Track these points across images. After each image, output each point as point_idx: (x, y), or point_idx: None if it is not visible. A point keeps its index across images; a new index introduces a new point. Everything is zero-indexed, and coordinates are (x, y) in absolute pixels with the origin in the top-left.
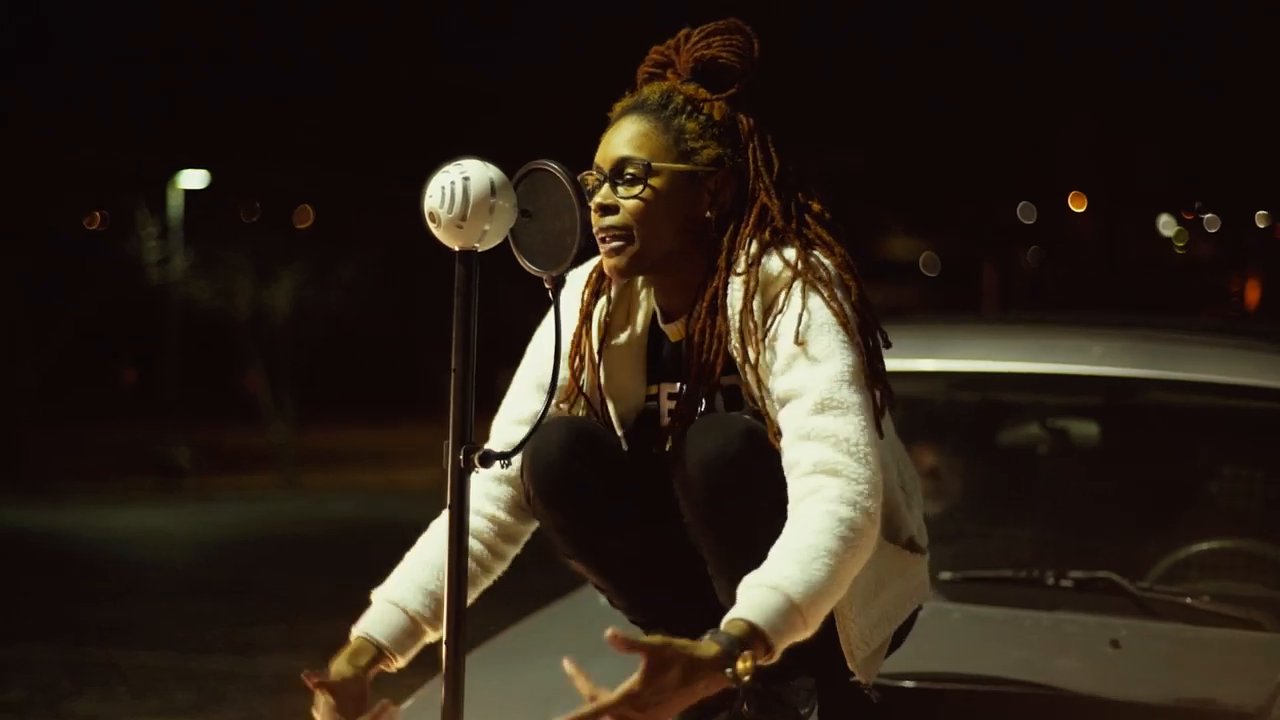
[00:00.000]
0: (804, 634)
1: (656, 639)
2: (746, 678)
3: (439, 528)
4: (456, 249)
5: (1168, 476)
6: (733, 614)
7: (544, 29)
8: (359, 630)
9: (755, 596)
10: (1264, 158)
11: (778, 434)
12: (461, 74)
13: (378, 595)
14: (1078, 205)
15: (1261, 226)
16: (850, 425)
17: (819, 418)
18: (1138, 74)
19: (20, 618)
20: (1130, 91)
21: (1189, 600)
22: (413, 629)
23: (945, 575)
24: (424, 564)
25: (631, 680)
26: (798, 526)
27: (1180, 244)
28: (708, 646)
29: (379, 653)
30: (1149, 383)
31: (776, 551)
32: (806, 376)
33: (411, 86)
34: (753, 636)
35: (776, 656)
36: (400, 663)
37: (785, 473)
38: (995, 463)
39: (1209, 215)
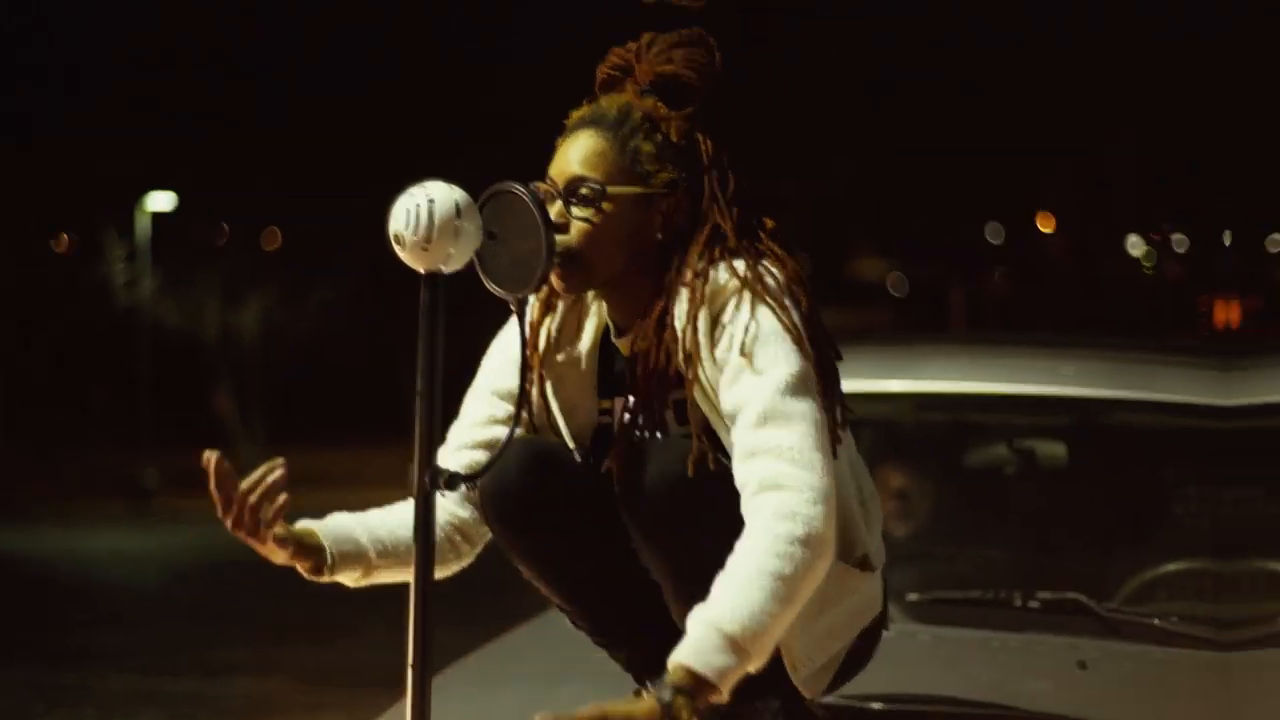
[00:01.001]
0: (754, 664)
1: (591, 709)
2: None
3: (401, 506)
4: (422, 271)
5: (1135, 497)
6: (673, 657)
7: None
8: (304, 524)
9: (695, 635)
10: (1232, 178)
11: (729, 451)
12: (433, 92)
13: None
14: (1046, 226)
15: (1228, 244)
16: (793, 434)
17: (762, 431)
18: (1109, 96)
19: None
20: (1101, 112)
21: (1157, 621)
22: (358, 549)
23: (912, 596)
24: (381, 515)
25: None
26: (740, 551)
27: (1149, 264)
28: (647, 704)
29: (319, 546)
30: (1116, 404)
31: (719, 580)
32: (750, 389)
33: (381, 106)
34: (693, 682)
35: (726, 695)
36: (327, 575)
37: (740, 493)
38: (963, 484)
39: (1177, 235)
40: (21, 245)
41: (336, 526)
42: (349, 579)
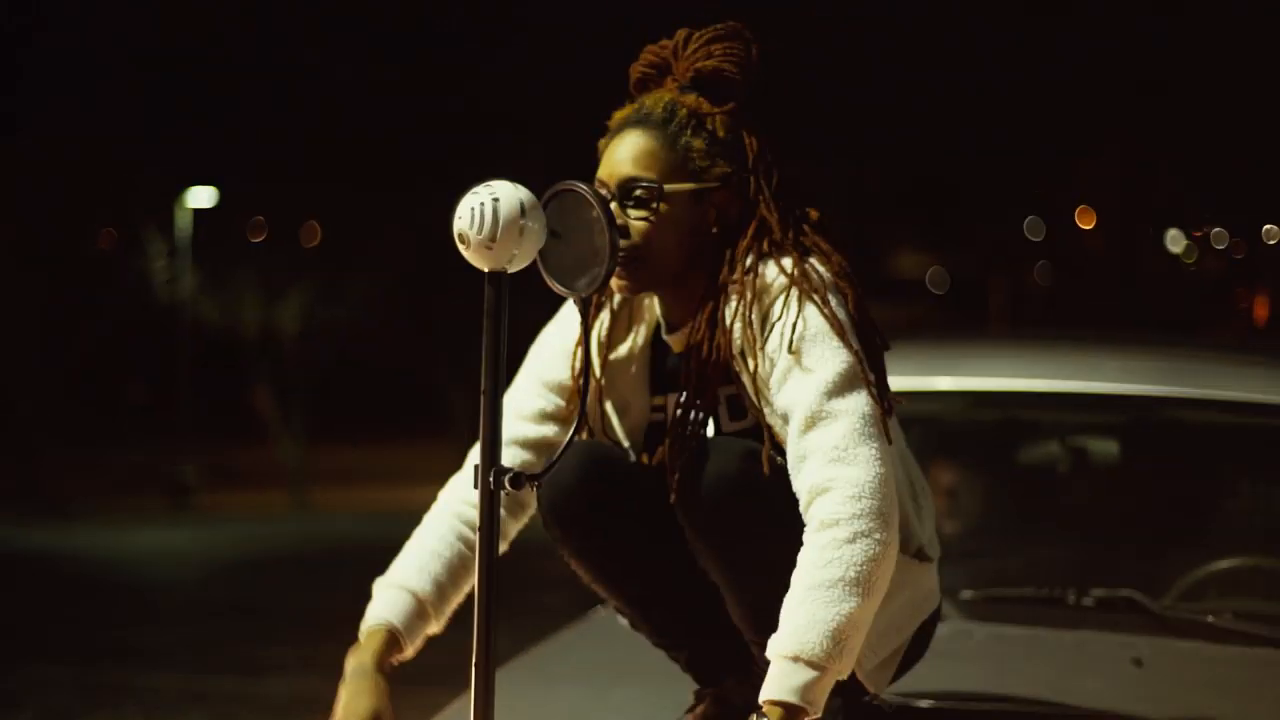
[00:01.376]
0: (838, 673)
1: None
2: None
3: (436, 519)
4: (486, 270)
5: (1188, 494)
6: (764, 694)
7: (554, 45)
8: (372, 619)
9: (772, 670)
10: (1272, 172)
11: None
12: (470, 91)
13: (381, 583)
14: (1086, 221)
15: (1271, 242)
16: (837, 431)
17: (809, 435)
18: (1145, 91)
19: (32, 638)
20: (1139, 108)
21: (1211, 618)
22: (421, 613)
23: (966, 594)
24: (427, 552)
25: None
26: (801, 567)
27: (1189, 259)
28: None
29: (393, 638)
30: (1169, 401)
31: (788, 602)
32: (797, 391)
33: (421, 105)
34: (785, 713)
35: (820, 710)
36: (410, 651)
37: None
38: (1015, 481)
39: (1217, 230)
40: (64, 242)
41: (394, 607)
42: (434, 628)
